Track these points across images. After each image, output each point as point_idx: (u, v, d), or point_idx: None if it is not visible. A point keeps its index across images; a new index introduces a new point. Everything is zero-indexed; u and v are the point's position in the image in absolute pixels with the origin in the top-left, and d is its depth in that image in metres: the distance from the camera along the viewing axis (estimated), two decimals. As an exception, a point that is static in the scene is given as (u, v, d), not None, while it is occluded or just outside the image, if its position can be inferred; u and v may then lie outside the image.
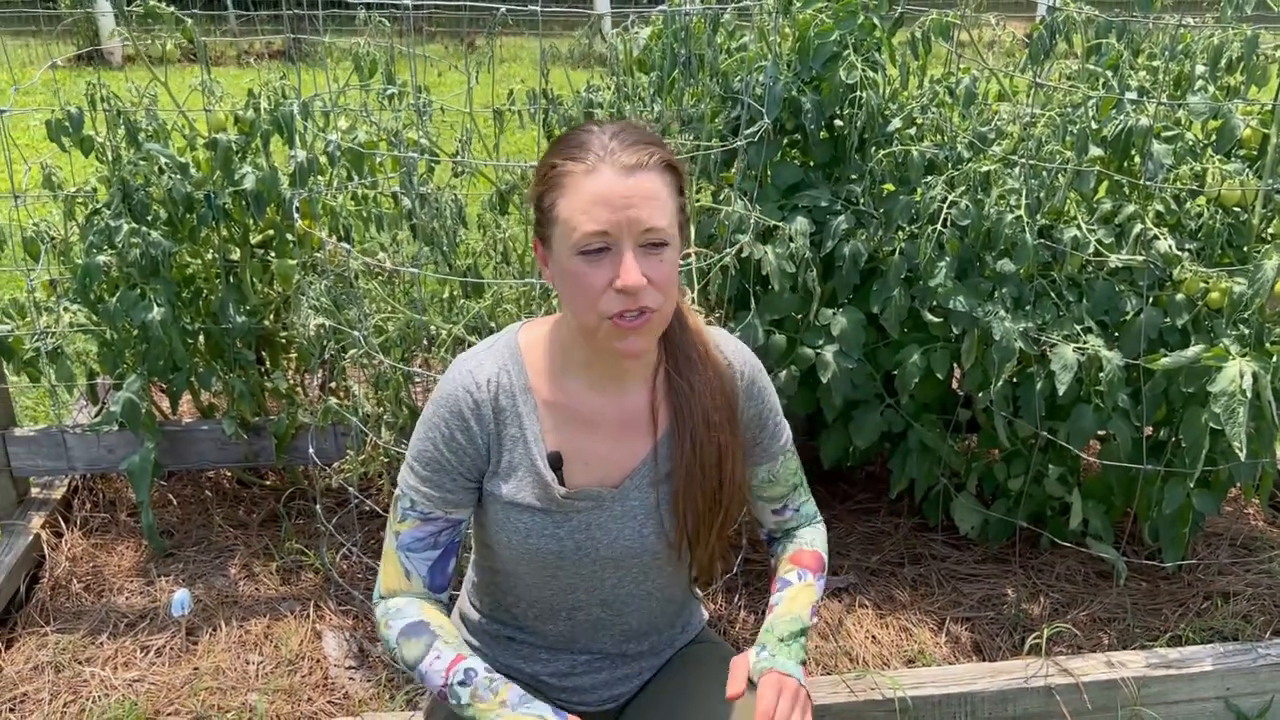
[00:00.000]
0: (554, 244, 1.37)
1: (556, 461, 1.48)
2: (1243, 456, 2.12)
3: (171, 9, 2.52)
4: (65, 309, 2.62)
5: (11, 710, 2.23)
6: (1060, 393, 2.31)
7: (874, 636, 2.50)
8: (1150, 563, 2.67)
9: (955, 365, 2.59)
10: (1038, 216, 2.44)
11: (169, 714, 2.23)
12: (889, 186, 2.63)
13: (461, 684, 1.42)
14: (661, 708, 1.61)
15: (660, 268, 1.34)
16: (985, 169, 2.49)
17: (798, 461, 1.69)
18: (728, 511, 1.53)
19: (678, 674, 1.67)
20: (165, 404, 2.96)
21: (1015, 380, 2.54)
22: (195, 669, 2.35)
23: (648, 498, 1.51)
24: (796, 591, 1.60)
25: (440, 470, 1.48)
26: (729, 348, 1.57)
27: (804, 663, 1.53)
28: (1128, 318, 2.43)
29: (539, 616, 1.61)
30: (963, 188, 2.48)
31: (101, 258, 2.49)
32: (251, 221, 2.67)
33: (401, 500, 1.52)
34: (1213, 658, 2.30)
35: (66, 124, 2.52)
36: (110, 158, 2.54)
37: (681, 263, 1.54)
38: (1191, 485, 2.42)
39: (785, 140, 2.69)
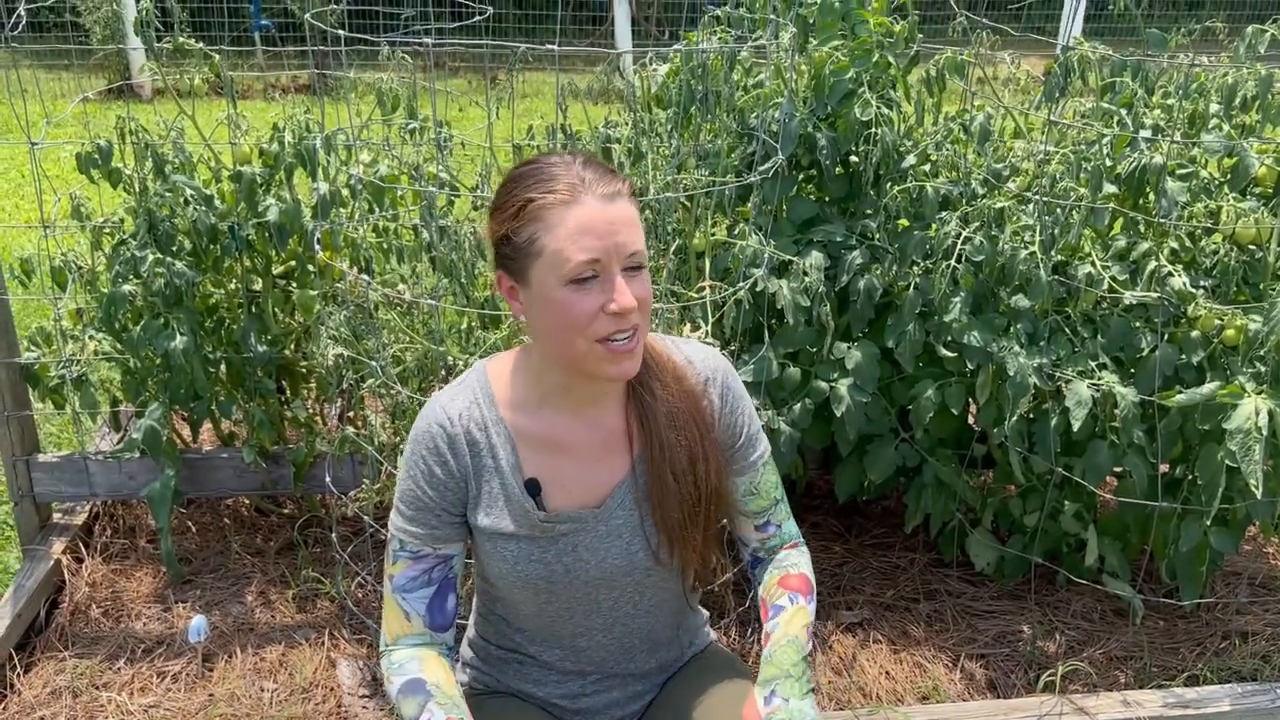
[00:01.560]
0: (533, 276, 1.39)
1: (534, 488, 1.50)
2: (1259, 494, 2.12)
3: (200, 45, 2.57)
4: (90, 337, 2.66)
5: (28, 734, 2.25)
6: (1075, 429, 2.31)
7: (888, 672, 2.49)
8: (1167, 601, 2.65)
9: (970, 400, 2.60)
10: (1052, 253, 2.45)
11: (183, 740, 2.24)
12: (904, 222, 2.64)
13: None
14: (676, 713, 1.62)
15: (643, 288, 1.39)
16: (1000, 205, 2.51)
17: (777, 476, 1.68)
18: (708, 513, 1.53)
19: (690, 681, 1.68)
20: (186, 432, 3.00)
21: (1030, 416, 2.54)
22: (211, 695, 2.36)
23: (631, 515, 1.52)
24: (791, 615, 1.58)
25: (424, 508, 1.50)
26: (695, 353, 1.58)
27: (813, 689, 1.52)
28: (1143, 354, 2.43)
29: (543, 642, 1.63)
30: (977, 224, 2.50)
31: (127, 287, 2.53)
32: (274, 252, 2.71)
33: (392, 543, 1.54)
34: (1230, 698, 2.28)
35: (96, 156, 2.58)
36: (137, 189, 2.59)
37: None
38: (1208, 523, 2.41)
39: (801, 176, 2.72)
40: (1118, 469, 2.51)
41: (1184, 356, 2.39)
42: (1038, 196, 2.47)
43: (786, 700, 1.46)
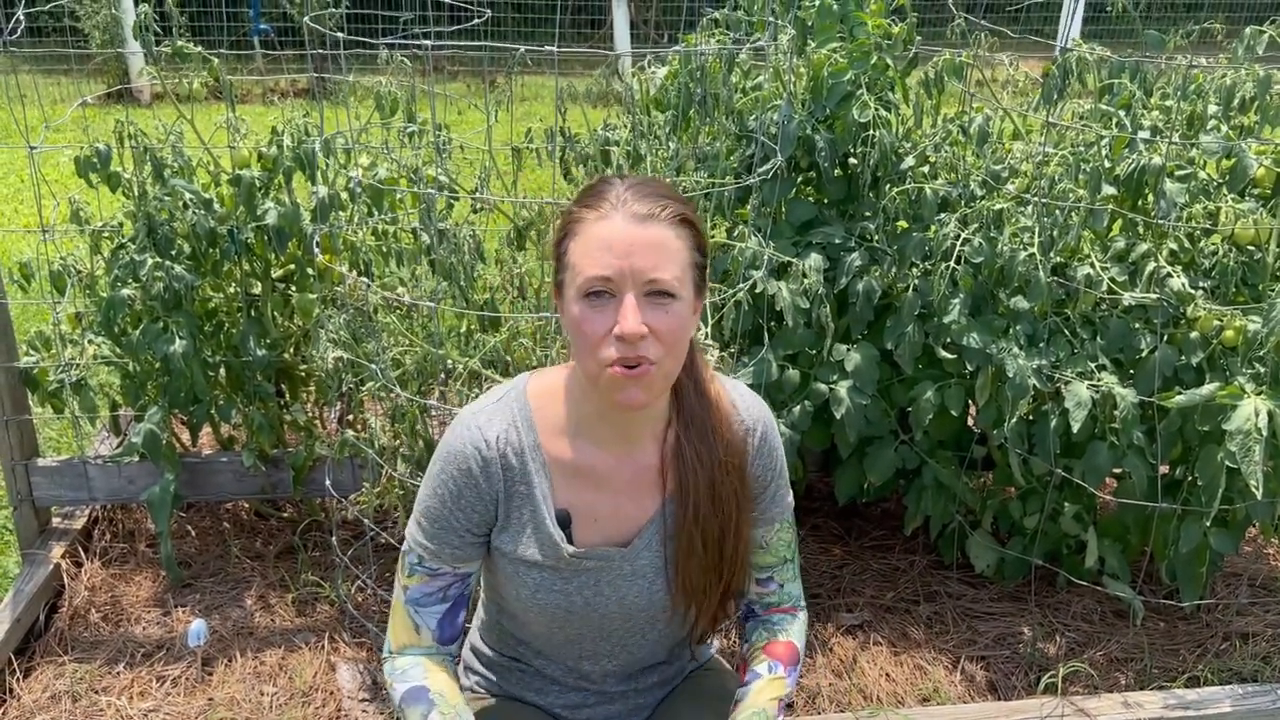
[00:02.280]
0: (565, 289, 1.37)
1: (565, 520, 1.47)
2: (1259, 495, 2.12)
3: (199, 49, 2.57)
4: (90, 341, 2.66)
5: (28, 739, 2.25)
6: (1074, 430, 2.31)
7: (888, 674, 2.49)
8: (1168, 602, 2.65)
9: (970, 402, 2.60)
10: (1051, 254, 2.45)
11: (183, 744, 2.24)
12: (902, 224, 2.65)
13: None
14: None
15: (665, 320, 1.32)
16: (998, 207, 2.51)
17: (794, 536, 1.63)
18: (729, 582, 1.52)
19: (679, 702, 1.67)
20: (186, 436, 2.99)
21: (1030, 417, 2.54)
22: (210, 699, 2.36)
23: (657, 556, 1.50)
24: (764, 685, 1.55)
25: (447, 528, 1.47)
26: (742, 402, 1.53)
27: None
28: (1142, 355, 2.43)
29: (548, 659, 1.62)
30: (976, 225, 2.50)
31: (126, 291, 2.53)
32: (273, 256, 2.71)
33: (409, 555, 1.51)
34: (1231, 699, 2.28)
35: (95, 160, 2.58)
36: (136, 193, 2.59)
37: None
38: (1208, 524, 2.41)
39: (800, 178, 2.72)
40: (1117, 470, 2.51)
41: (1183, 357, 2.39)
42: (1036, 198, 2.47)
43: None
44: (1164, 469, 2.56)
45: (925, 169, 2.71)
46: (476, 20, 2.74)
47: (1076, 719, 2.22)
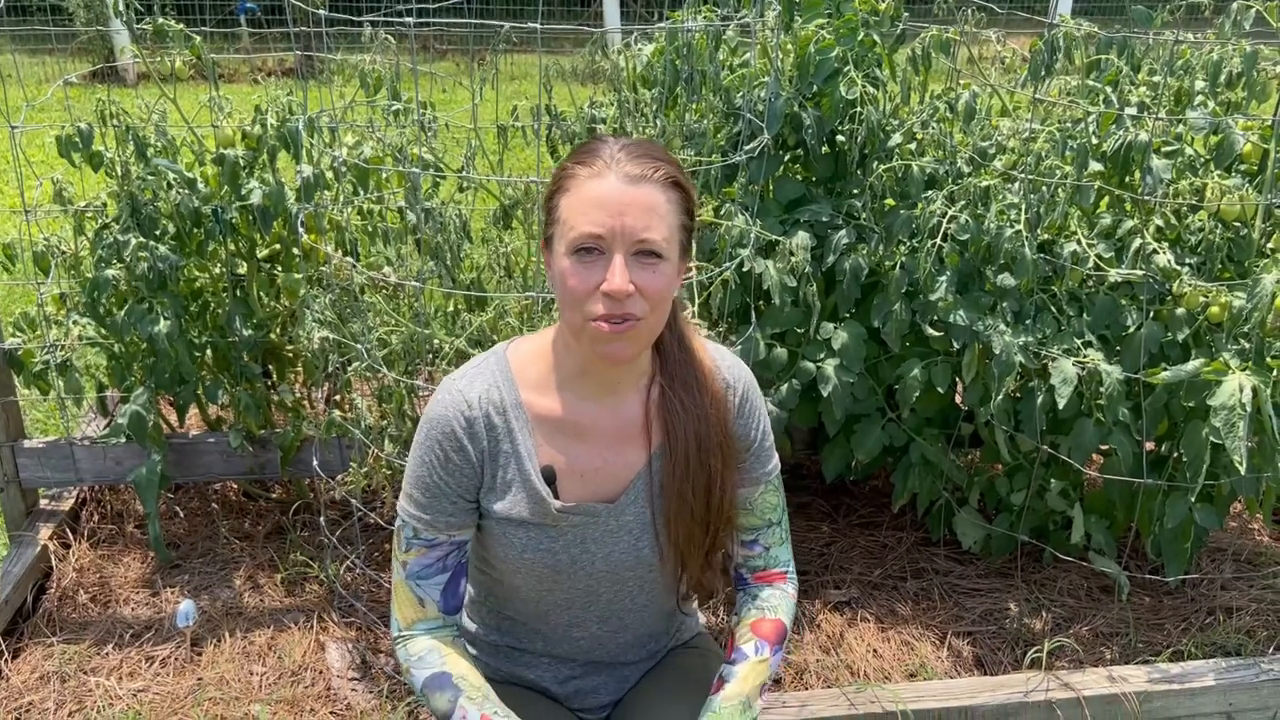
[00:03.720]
0: (554, 241, 1.39)
1: (550, 476, 1.49)
2: (1243, 470, 2.12)
3: (180, 26, 2.55)
4: (75, 322, 2.65)
5: (17, 719, 2.25)
6: (1060, 406, 2.32)
7: (875, 650, 2.50)
8: (1153, 577, 2.67)
9: (957, 380, 2.60)
10: (1038, 231, 2.45)
11: (172, 724, 2.24)
12: (890, 201, 2.64)
13: None
14: (641, 710, 1.62)
15: (651, 279, 1.35)
16: (985, 184, 2.51)
17: (780, 499, 1.65)
18: (716, 535, 1.53)
19: (661, 678, 1.68)
20: (173, 417, 2.99)
21: (1017, 395, 2.55)
22: (199, 679, 2.36)
23: (643, 513, 1.51)
24: (749, 669, 1.56)
25: (439, 495, 1.48)
26: (726, 365, 1.56)
27: None
28: (1128, 332, 2.44)
29: (536, 629, 1.63)
30: (963, 202, 2.50)
31: (110, 271, 2.52)
32: (258, 236, 2.70)
33: (404, 530, 1.52)
34: (1215, 673, 2.29)
35: (76, 140, 2.56)
36: (119, 173, 2.57)
37: (685, 280, 1.53)
38: (1193, 500, 2.42)
39: (787, 156, 2.71)
40: (1104, 447, 2.52)
41: (1169, 334, 2.40)
42: (1023, 175, 2.46)
43: None
44: (1150, 445, 2.57)
45: (912, 146, 2.70)
46: (461, -3, 2.71)
47: (1061, 693, 2.23)
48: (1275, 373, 2.19)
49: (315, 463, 2.64)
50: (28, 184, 2.66)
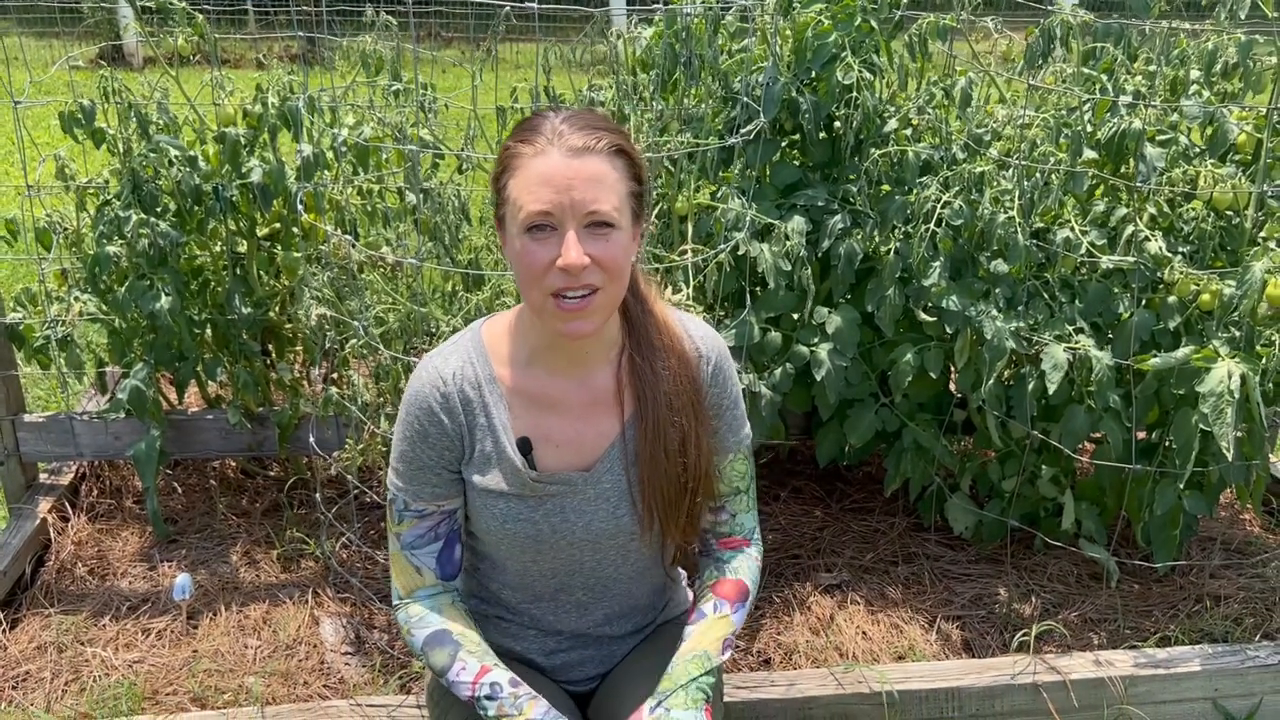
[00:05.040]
0: (506, 222, 1.42)
1: (525, 446, 1.52)
2: (1230, 457, 2.14)
3: (183, 4, 2.57)
4: (76, 298, 2.67)
5: (14, 688, 2.28)
6: (1051, 392, 2.33)
7: (865, 632, 2.52)
8: (1143, 564, 2.68)
9: (950, 365, 2.62)
10: (1031, 218, 2.47)
11: (168, 694, 2.27)
12: (885, 187, 2.65)
13: (489, 698, 1.47)
14: (625, 686, 1.64)
15: (606, 248, 1.37)
16: (980, 170, 2.52)
17: (749, 467, 1.67)
18: (694, 495, 1.55)
19: (646, 652, 1.69)
20: (172, 394, 3.01)
21: (1008, 381, 2.56)
22: (195, 651, 2.39)
23: (620, 480, 1.54)
24: (708, 626, 1.58)
25: (422, 468, 1.53)
26: (697, 332, 1.59)
27: (709, 701, 1.51)
28: (1120, 319, 2.45)
29: (523, 600, 1.65)
30: (957, 189, 2.51)
31: (111, 248, 2.54)
32: (258, 214, 2.72)
33: (395, 503, 1.56)
34: (1201, 659, 2.31)
35: (79, 116, 2.58)
36: (121, 150, 2.59)
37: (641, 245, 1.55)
38: (1182, 487, 2.43)
39: (784, 141, 2.72)
40: (1095, 434, 2.53)
41: (1161, 321, 2.41)
42: (1017, 161, 2.48)
43: (669, 710, 1.48)
44: (1140, 433, 2.58)
45: (908, 132, 2.72)
46: (463, -20, 2.73)
47: (1048, 676, 2.25)
48: (1264, 360, 2.20)
49: (312, 440, 2.66)
50: (31, 162, 2.68)
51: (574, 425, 1.53)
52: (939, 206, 2.47)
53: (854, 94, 2.52)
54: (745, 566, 1.66)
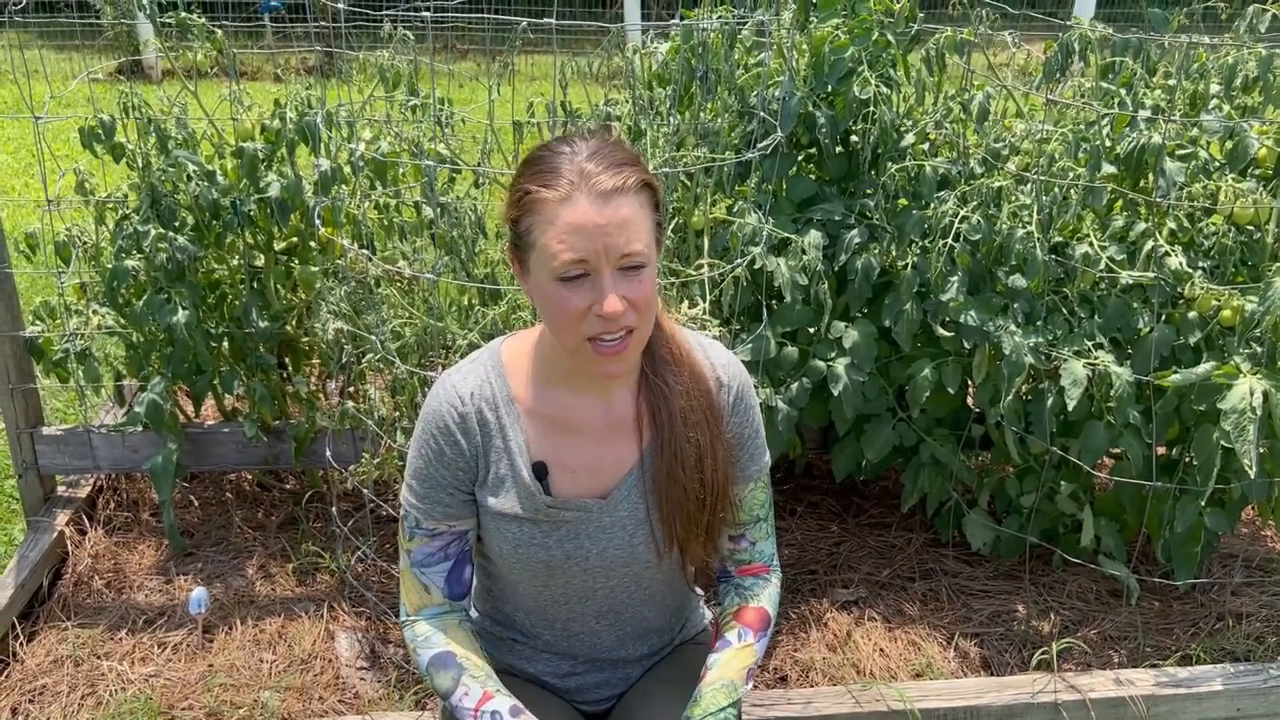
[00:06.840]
0: (531, 266, 1.38)
1: (541, 471, 1.50)
2: (1252, 474, 2.12)
3: (203, 20, 2.58)
4: (94, 312, 2.68)
5: (31, 701, 2.28)
6: (1070, 408, 2.32)
7: (882, 649, 2.51)
8: (1163, 581, 2.66)
9: (968, 380, 2.60)
10: (1050, 233, 2.45)
11: (183, 709, 2.27)
12: (902, 201, 2.65)
13: None
14: (643, 708, 1.63)
15: (639, 289, 1.35)
16: (998, 185, 2.51)
17: (769, 496, 1.66)
18: (713, 511, 1.53)
19: (663, 674, 1.68)
20: (189, 407, 3.02)
21: (1027, 396, 2.55)
22: (210, 666, 2.39)
23: (637, 507, 1.52)
24: (732, 655, 1.57)
25: (436, 486, 1.51)
26: (719, 359, 1.57)
27: None
28: (1140, 335, 2.44)
29: (537, 624, 1.64)
30: (975, 203, 2.50)
31: (130, 262, 2.55)
32: (276, 228, 2.73)
33: (407, 519, 1.55)
34: (1223, 678, 2.29)
35: (99, 131, 2.59)
36: (140, 164, 2.60)
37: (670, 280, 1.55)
38: (1203, 504, 2.41)
39: (800, 155, 2.72)
40: (1115, 450, 2.51)
41: (1181, 337, 2.39)
42: (1036, 176, 2.47)
43: None
44: (1160, 449, 2.56)
45: (925, 146, 2.71)
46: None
47: (1068, 695, 2.23)
48: (1287, 377, 2.18)
49: (329, 454, 2.67)
50: (50, 177, 2.69)
51: (592, 450, 1.51)
52: (957, 221, 2.46)
53: (871, 108, 2.51)
54: (766, 594, 1.65)
